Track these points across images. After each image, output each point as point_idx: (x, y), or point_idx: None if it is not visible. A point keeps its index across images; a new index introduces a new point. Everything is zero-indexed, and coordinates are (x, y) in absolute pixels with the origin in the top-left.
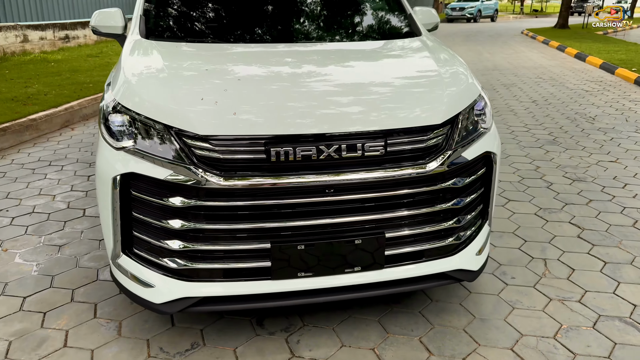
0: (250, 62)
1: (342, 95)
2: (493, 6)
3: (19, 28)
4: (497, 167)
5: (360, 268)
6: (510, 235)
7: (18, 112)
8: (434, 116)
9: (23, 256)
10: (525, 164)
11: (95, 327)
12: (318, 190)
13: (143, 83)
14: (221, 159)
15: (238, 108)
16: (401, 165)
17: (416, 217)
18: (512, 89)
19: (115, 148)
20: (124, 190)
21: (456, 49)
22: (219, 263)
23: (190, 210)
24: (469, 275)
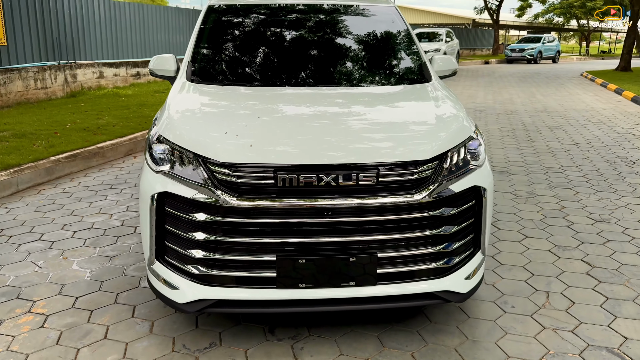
0: (270, 103)
1: (343, 132)
2: (555, 47)
3: (96, 65)
4: (487, 201)
5: (354, 283)
6: (519, 268)
7: (88, 140)
8: (423, 152)
9: (79, 264)
10: (552, 203)
11: (132, 324)
12: (318, 212)
13: (181, 119)
14: (237, 183)
15: (254, 141)
16: (391, 194)
17: (405, 240)
18: (556, 131)
19: (154, 171)
20: (160, 206)
21: (508, 90)
22: (232, 271)
23: (210, 224)
24: (457, 297)
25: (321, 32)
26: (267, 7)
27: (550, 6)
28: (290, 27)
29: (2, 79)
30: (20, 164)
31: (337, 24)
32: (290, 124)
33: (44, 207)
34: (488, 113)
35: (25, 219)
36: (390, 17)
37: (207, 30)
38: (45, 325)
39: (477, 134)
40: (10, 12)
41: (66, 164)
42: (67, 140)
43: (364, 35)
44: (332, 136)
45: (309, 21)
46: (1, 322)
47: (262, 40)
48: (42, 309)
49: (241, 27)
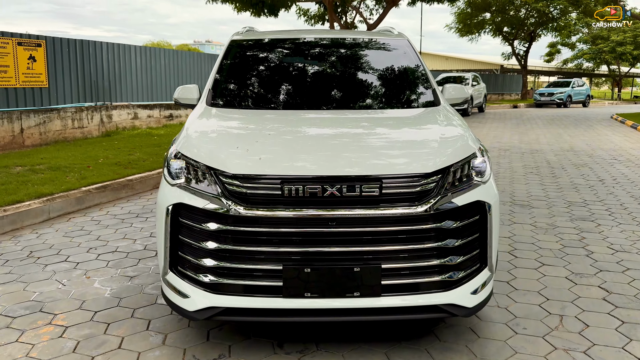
0: (281, 123)
1: (348, 147)
2: (585, 91)
3: (131, 107)
4: (492, 217)
5: (359, 294)
6: (534, 293)
7: (119, 173)
8: (425, 166)
9: (101, 282)
10: (572, 234)
11: (146, 336)
12: (322, 222)
13: (198, 137)
14: (247, 194)
15: (263, 155)
16: (394, 205)
17: (409, 252)
18: (582, 168)
19: (170, 185)
20: (174, 217)
21: (535, 131)
22: (241, 280)
23: (221, 233)
24: (462, 311)
25: (335, 62)
26: (285, 41)
27: (579, 52)
28: (307, 58)
29: (42, 118)
30: (52, 193)
31: (351, 55)
32: (298, 140)
33: (72, 232)
34: (513, 152)
35: (54, 242)
36: (402, 48)
37: (229, 61)
38: (64, 335)
39: (482, 152)
40: (53, 57)
41: (96, 195)
42: (99, 173)
43: (376, 65)
44: (337, 151)
45: (324, 53)
46: (23, 331)
47: (279, 70)
48: (62, 321)
49: (260, 58)
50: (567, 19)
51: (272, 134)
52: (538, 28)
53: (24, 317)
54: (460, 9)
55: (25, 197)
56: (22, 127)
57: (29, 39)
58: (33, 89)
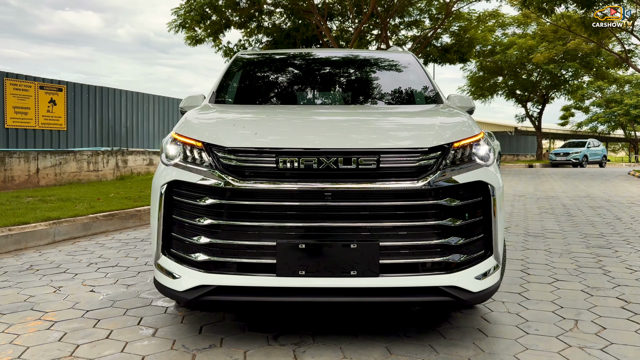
0: (279, 109)
1: (346, 125)
2: (601, 152)
3: (146, 153)
4: (496, 200)
5: (356, 273)
6: (548, 302)
7: (128, 205)
8: (424, 142)
9: (97, 289)
10: (588, 258)
11: (136, 330)
12: (318, 196)
13: (195, 120)
14: (241, 167)
15: (259, 131)
16: (392, 179)
17: (408, 229)
18: (598, 210)
19: (166, 165)
20: (169, 197)
21: (551, 183)
22: (233, 257)
23: (214, 208)
24: (466, 295)
25: (340, 72)
26: (290, 55)
27: (593, 115)
28: (310, 69)
29: (58, 160)
30: (59, 217)
31: (356, 66)
32: (296, 119)
33: (75, 252)
34: (527, 197)
35: (56, 259)
36: (407, 62)
37: (233, 71)
38: (52, 328)
39: (487, 143)
40: (73, 101)
41: (103, 222)
42: (108, 204)
43: (380, 76)
44: (335, 131)
45: (329, 65)
46: (10, 324)
47: (282, 78)
48: (51, 317)
49: (263, 67)
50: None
51: (270, 117)
52: (550, 90)
53: (14, 313)
54: (472, 72)
55: (32, 219)
56: (38, 167)
57: (51, 84)
58: (52, 131)
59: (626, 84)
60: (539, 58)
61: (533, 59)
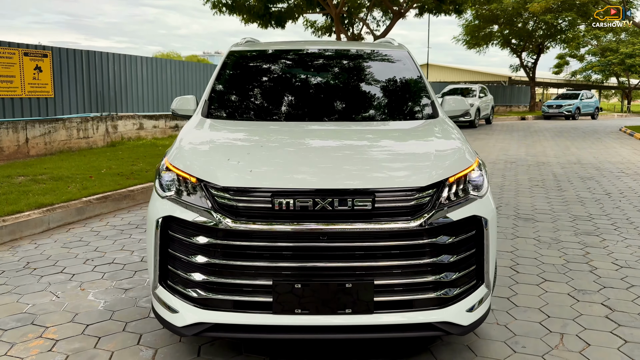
0: (276, 135)
1: (341, 160)
2: (593, 104)
3: (136, 117)
4: (489, 232)
5: (351, 310)
6: (535, 310)
7: (120, 184)
8: (420, 180)
9: (95, 295)
10: (576, 249)
11: (136, 351)
12: (313, 237)
13: (189, 149)
14: (236, 207)
15: (254, 168)
16: (388, 220)
17: (403, 268)
18: (588, 181)
19: (161, 197)
20: (164, 230)
21: (542, 143)
22: (230, 295)
23: (210, 247)
24: (457, 329)
25: (334, 73)
26: (284, 52)
27: (588, 64)
28: (305, 69)
29: (47, 128)
30: (52, 203)
31: (349, 67)
32: (290, 152)
33: (71, 243)
34: (519, 164)
35: (52, 253)
36: (402, 60)
37: (226, 72)
38: (54, 349)
39: (480, 166)
40: (59, 67)
41: (97, 205)
42: (100, 184)
43: (376, 78)
44: (330, 163)
45: (322, 64)
46: (13, 344)
47: (275, 80)
48: (53, 335)
49: (258, 69)
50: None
51: (264, 146)
52: (546, 40)
53: (15, 329)
54: (468, 21)
55: (25, 207)
56: (27, 137)
57: (35, 50)
58: (39, 99)
59: (622, 32)
60: (536, 8)
61: (530, 9)
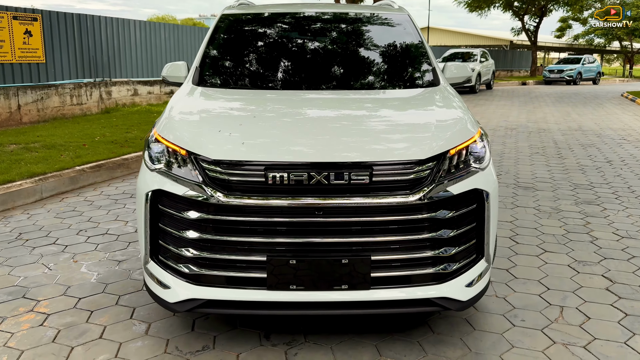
0: (270, 104)
1: (339, 132)
2: (595, 68)
3: (130, 83)
4: (490, 206)
5: (347, 286)
6: (534, 282)
7: (114, 152)
8: (419, 152)
9: (88, 267)
10: (576, 219)
11: (129, 325)
12: (308, 212)
13: (179, 120)
14: (228, 180)
15: (246, 140)
16: (386, 194)
17: (401, 243)
18: (589, 149)
19: (150, 169)
20: (154, 205)
21: (543, 109)
22: (223, 271)
23: (201, 222)
24: (456, 305)
25: (332, 38)
26: (279, 15)
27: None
28: (301, 34)
29: (39, 95)
30: (45, 172)
31: (349, 31)
32: (285, 123)
33: (64, 213)
34: (520, 131)
35: (44, 224)
36: (402, 24)
37: (218, 36)
38: (45, 323)
39: (482, 137)
40: (50, 31)
41: (91, 174)
42: (94, 152)
43: (375, 42)
44: (327, 135)
45: (320, 29)
46: (4, 319)
47: (270, 46)
48: (44, 308)
49: (252, 34)
50: None
51: (258, 116)
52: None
53: (6, 303)
54: None
55: (17, 176)
56: (19, 103)
57: (25, 13)
58: (30, 64)
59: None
60: None
61: None
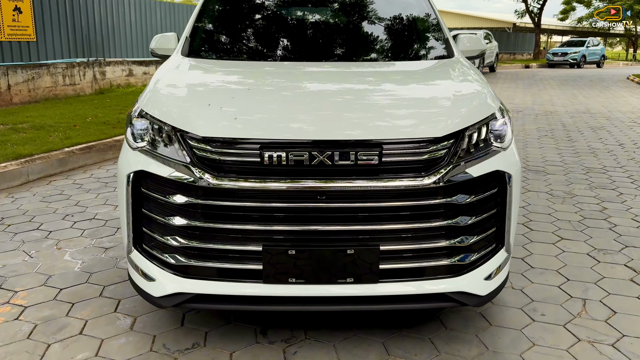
0: (267, 77)
1: (343, 106)
2: (599, 52)
3: (125, 63)
4: (512, 190)
5: (353, 280)
6: (553, 272)
7: (106, 133)
8: (435, 129)
9: (72, 254)
10: (592, 204)
11: (113, 320)
12: (309, 196)
13: (165, 92)
14: (219, 160)
15: (239, 114)
16: (397, 176)
17: (413, 231)
18: (599, 131)
19: (132, 148)
20: (136, 187)
21: (549, 92)
22: (213, 262)
23: (189, 208)
24: (474, 300)
25: (335, 7)
26: None
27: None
28: (302, 2)
29: (30, 74)
30: (32, 154)
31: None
32: (283, 97)
33: (50, 197)
34: (526, 114)
35: (29, 208)
36: None
37: (211, 4)
38: (21, 317)
39: (502, 112)
40: (41, 8)
41: (80, 156)
42: (85, 133)
43: (382, 11)
44: (331, 110)
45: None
46: None
47: (268, 14)
48: (21, 300)
49: (247, 1)
50: None
51: (253, 89)
52: None
53: None
54: None
55: (1, 158)
56: (9, 83)
57: None
58: (20, 42)
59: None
60: None
61: None
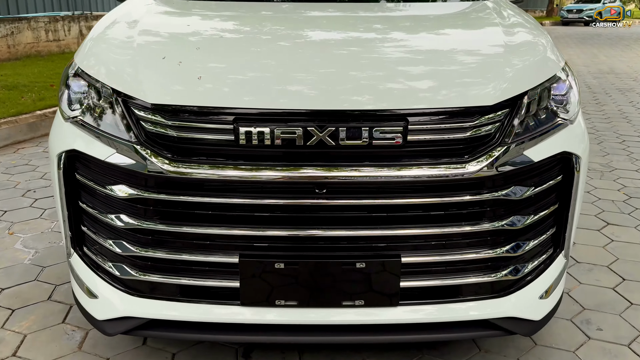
0: (245, 21)
1: (350, 62)
2: (617, 9)
3: None
4: (580, 176)
5: (363, 302)
6: (604, 269)
7: None
8: (481, 96)
9: (25, 242)
10: (635, 180)
11: (58, 334)
12: (303, 189)
13: (107, 43)
14: (175, 138)
15: (206, 72)
16: (428, 161)
17: (447, 238)
18: (628, 94)
19: (64, 118)
20: (69, 172)
21: (567, 51)
22: (173, 277)
23: (135, 203)
24: (525, 328)
25: None
26: None
27: None
28: None
29: (10, 29)
30: None
31: None
32: (269, 49)
33: (15, 168)
34: None
35: None
36: None
37: None
38: None
39: (566, 72)
40: None
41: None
42: None
43: None
44: (332, 67)
45: None
46: None
47: None
48: None
49: None
50: None
51: (225, 37)
52: None
53: None
54: None
55: None
56: None
57: None
58: None
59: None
60: None
61: None
